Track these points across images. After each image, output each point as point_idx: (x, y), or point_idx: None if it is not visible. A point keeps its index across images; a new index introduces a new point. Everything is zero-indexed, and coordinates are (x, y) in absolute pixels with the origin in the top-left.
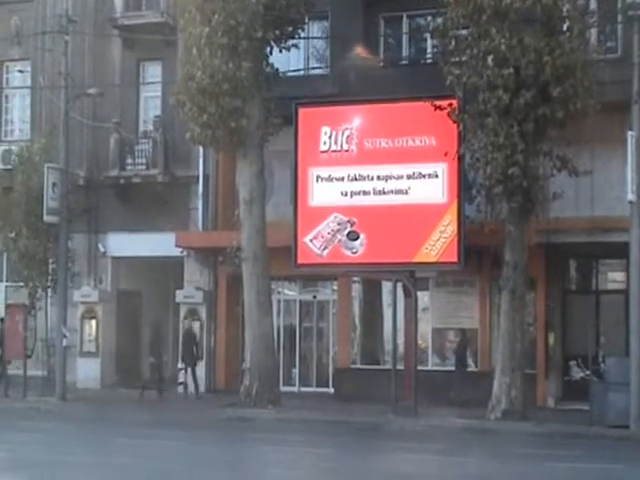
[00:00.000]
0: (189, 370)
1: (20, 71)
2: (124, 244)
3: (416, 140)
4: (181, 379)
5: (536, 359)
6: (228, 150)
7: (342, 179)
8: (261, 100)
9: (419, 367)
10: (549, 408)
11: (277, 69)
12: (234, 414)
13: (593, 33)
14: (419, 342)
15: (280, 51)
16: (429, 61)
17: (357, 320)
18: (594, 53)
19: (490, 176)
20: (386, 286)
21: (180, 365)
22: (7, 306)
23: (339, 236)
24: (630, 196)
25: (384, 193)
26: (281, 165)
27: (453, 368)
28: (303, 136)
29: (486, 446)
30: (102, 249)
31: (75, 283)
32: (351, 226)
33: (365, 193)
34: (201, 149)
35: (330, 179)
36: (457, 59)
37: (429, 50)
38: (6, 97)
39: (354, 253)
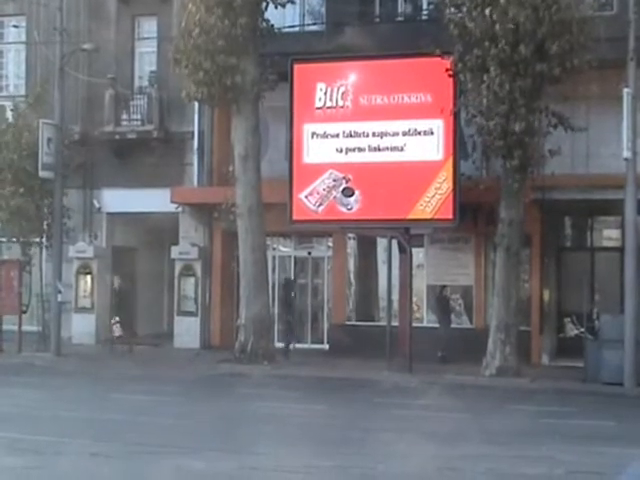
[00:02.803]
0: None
1: (15, 26)
2: (119, 200)
3: (412, 97)
4: (116, 333)
5: (531, 316)
6: (223, 106)
7: (337, 135)
8: (256, 56)
9: (414, 324)
10: (543, 365)
11: (272, 25)
12: (229, 370)
13: None
14: (414, 299)
15: (276, 7)
16: (425, 18)
17: (352, 277)
18: (589, 10)
19: (491, 131)
20: (381, 243)
21: (114, 319)
22: (2, 262)
23: (334, 192)
24: (625, 153)
25: (379, 150)
26: (276, 121)
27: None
28: (298, 92)
29: (480, 403)
30: (97, 205)
31: (70, 239)
32: (346, 183)
33: (360, 150)
34: (196, 105)
35: (325, 135)
36: (455, 11)
37: (425, 6)
38: (1, 52)
39: (349, 209)
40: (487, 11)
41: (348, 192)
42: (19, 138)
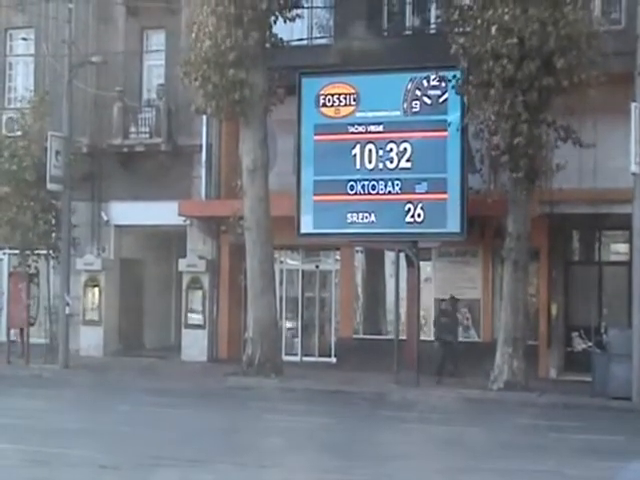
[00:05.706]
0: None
1: (24, 39)
2: (127, 213)
3: (420, 110)
4: (12, 337)
5: (538, 330)
6: (231, 119)
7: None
8: (265, 70)
9: (421, 337)
10: (551, 379)
11: (281, 38)
12: (236, 383)
13: (597, 4)
14: (421, 312)
15: (285, 22)
16: (433, 32)
17: (360, 290)
18: (598, 24)
19: (496, 146)
20: (389, 256)
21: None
22: (10, 274)
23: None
24: (633, 168)
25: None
26: (284, 134)
27: (460, 339)
28: (306, 105)
29: (488, 416)
30: (105, 217)
31: (78, 251)
32: (354, 195)
33: (368, 162)
34: (204, 118)
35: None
36: (461, 29)
37: (433, 20)
38: (10, 65)
39: (357, 223)
40: (493, 29)
41: (356, 205)
42: (19, 150)
